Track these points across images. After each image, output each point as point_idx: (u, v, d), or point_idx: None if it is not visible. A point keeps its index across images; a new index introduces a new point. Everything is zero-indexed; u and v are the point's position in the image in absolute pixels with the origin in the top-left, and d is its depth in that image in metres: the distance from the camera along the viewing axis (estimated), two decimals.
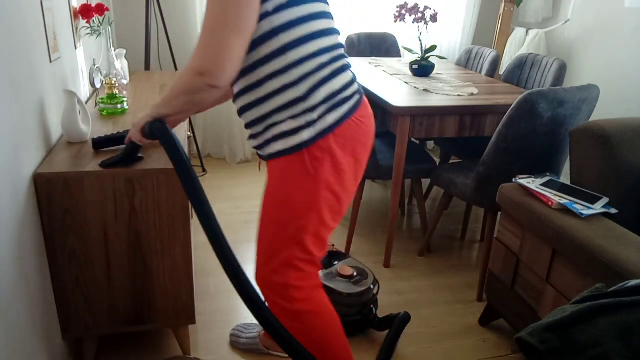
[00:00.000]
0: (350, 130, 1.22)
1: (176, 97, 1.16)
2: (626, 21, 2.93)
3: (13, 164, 1.22)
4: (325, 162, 1.20)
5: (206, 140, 3.63)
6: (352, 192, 1.31)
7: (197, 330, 1.90)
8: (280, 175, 1.24)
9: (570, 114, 1.90)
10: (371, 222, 2.83)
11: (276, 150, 1.23)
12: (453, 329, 1.98)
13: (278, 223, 1.27)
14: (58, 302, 1.51)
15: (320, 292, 1.37)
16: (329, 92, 1.20)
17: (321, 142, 1.19)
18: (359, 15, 3.60)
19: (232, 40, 1.07)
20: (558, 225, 1.49)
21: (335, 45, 1.23)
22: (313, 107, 1.18)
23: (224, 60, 1.07)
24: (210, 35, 1.08)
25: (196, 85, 1.10)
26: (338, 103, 1.21)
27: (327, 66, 1.19)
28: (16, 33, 1.28)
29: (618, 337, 0.84)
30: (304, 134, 1.19)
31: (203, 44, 1.09)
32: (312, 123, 1.18)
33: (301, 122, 1.19)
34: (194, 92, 1.12)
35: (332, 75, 1.21)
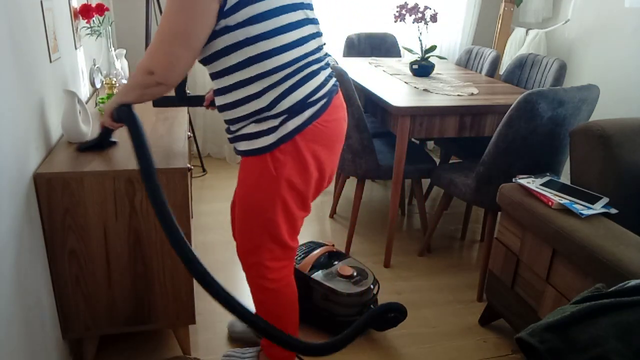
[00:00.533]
0: (311, 134, 1.29)
1: (132, 89, 1.27)
2: (626, 21, 2.93)
3: (13, 164, 1.22)
4: (287, 163, 1.29)
5: (206, 140, 3.63)
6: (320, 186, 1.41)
7: (197, 330, 1.90)
8: (246, 172, 1.35)
9: (570, 114, 1.90)
10: (371, 222, 2.83)
11: (242, 149, 1.33)
12: (453, 329, 1.98)
13: (249, 214, 1.38)
14: (58, 302, 1.52)
15: (291, 276, 1.51)
16: (292, 102, 1.26)
17: (283, 147, 1.28)
18: (359, 15, 3.60)
19: (179, 52, 1.17)
20: (558, 225, 1.49)
21: (307, 53, 1.27)
22: (275, 115, 1.26)
23: (171, 66, 1.18)
24: (160, 42, 1.17)
25: (146, 82, 1.22)
26: (300, 110, 1.27)
27: (293, 76, 1.25)
28: (16, 33, 1.28)
29: (618, 337, 0.84)
30: (267, 139, 1.27)
31: (154, 47, 1.18)
32: (274, 129, 1.27)
33: (263, 128, 1.27)
34: (145, 87, 1.24)
35: (298, 84, 1.26)
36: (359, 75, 2.68)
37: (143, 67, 1.21)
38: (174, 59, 1.17)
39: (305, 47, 1.27)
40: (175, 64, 1.18)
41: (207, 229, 2.64)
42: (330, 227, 2.76)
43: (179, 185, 1.47)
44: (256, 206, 1.35)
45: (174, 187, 1.46)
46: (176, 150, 1.58)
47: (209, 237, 2.55)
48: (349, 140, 2.29)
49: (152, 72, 1.19)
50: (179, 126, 1.83)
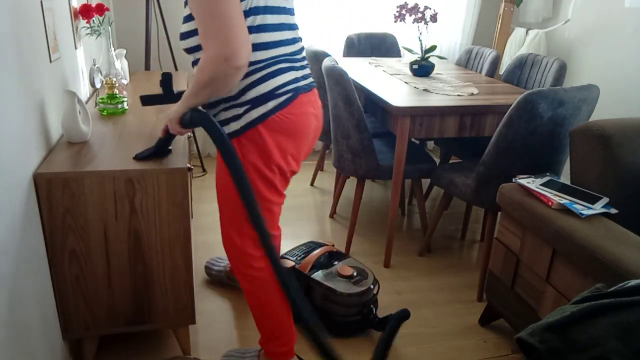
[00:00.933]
0: (275, 125, 1.36)
1: (204, 88, 1.24)
2: (626, 21, 2.93)
3: (13, 164, 1.22)
4: (251, 149, 1.37)
5: (206, 140, 3.63)
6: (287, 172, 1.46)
7: (197, 330, 1.90)
8: (219, 159, 1.45)
9: (570, 114, 1.90)
10: (371, 222, 2.83)
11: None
12: (453, 329, 1.98)
13: (225, 200, 1.47)
14: (58, 302, 1.52)
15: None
16: (256, 94, 1.33)
17: (248, 133, 1.36)
18: (359, 15, 3.59)
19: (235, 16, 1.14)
20: (558, 225, 1.49)
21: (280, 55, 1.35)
22: (240, 104, 1.34)
23: (238, 38, 1.15)
24: (212, 20, 1.14)
25: (223, 71, 1.18)
26: (264, 101, 1.34)
27: (261, 71, 1.32)
28: (16, 33, 1.28)
29: (618, 337, 0.84)
30: (233, 125, 1.37)
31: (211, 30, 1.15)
32: (239, 117, 1.35)
33: (229, 115, 1.36)
34: (223, 79, 1.20)
35: (265, 78, 1.33)
36: (359, 75, 2.68)
37: (212, 58, 1.16)
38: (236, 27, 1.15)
39: (280, 50, 1.34)
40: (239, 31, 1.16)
41: (207, 229, 2.64)
42: (330, 227, 2.76)
43: (179, 185, 1.47)
44: (230, 190, 1.44)
45: (174, 187, 1.46)
46: (176, 150, 1.58)
47: (209, 237, 2.55)
48: (349, 140, 2.29)
49: (227, 59, 1.16)
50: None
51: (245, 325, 1.94)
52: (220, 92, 1.26)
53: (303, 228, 2.72)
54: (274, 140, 1.37)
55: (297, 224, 2.76)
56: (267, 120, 1.34)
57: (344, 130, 2.29)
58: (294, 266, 1.94)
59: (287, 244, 2.52)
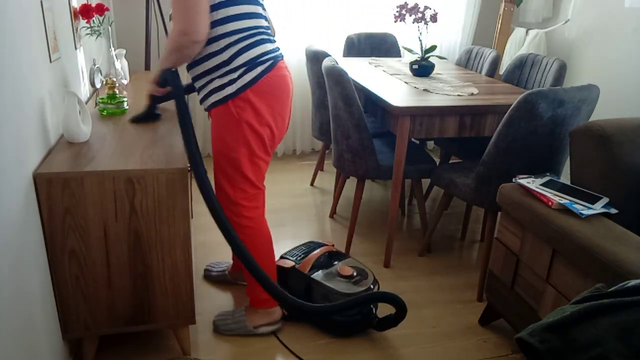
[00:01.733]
0: (264, 85, 1.60)
1: (169, 55, 1.52)
2: (626, 21, 2.93)
3: (13, 164, 1.22)
4: (246, 108, 1.60)
5: (206, 140, 3.64)
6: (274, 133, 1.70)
7: (197, 330, 1.90)
8: (216, 121, 1.65)
9: (570, 114, 1.90)
10: (371, 222, 2.83)
11: (211, 102, 1.63)
12: (453, 329, 1.98)
13: (220, 156, 1.67)
14: (58, 302, 1.52)
15: (263, 216, 1.80)
16: (246, 58, 1.58)
17: (242, 95, 1.58)
18: (359, 15, 3.59)
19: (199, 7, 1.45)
20: (558, 225, 1.49)
21: (257, 26, 1.61)
22: (234, 69, 1.57)
23: (199, 19, 1.46)
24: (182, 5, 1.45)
25: (182, 44, 1.48)
26: (254, 66, 1.58)
27: (247, 39, 1.58)
28: (16, 33, 1.28)
29: (618, 337, 0.84)
30: (229, 89, 1.58)
31: (182, 11, 1.45)
32: (234, 81, 1.57)
33: (225, 81, 1.58)
34: (181, 49, 1.49)
35: (251, 45, 1.58)
36: (359, 75, 2.68)
37: (176, 31, 1.46)
38: (199, 15, 1.45)
39: (257, 21, 1.61)
40: (201, 18, 1.46)
41: (207, 229, 2.64)
42: (330, 227, 2.76)
43: (179, 185, 1.47)
44: (225, 147, 1.65)
45: (174, 187, 1.46)
46: (176, 150, 1.58)
47: (209, 237, 2.55)
48: (349, 140, 2.29)
49: (185, 33, 1.45)
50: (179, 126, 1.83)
51: None
52: (183, 59, 1.54)
53: (303, 228, 2.73)
54: (264, 99, 1.62)
55: (297, 224, 2.76)
56: (257, 84, 1.59)
57: (344, 130, 2.29)
58: (294, 266, 1.94)
59: (287, 244, 2.52)
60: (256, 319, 1.87)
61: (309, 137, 3.85)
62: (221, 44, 1.55)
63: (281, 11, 3.40)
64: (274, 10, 3.38)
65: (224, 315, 1.91)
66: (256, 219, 1.76)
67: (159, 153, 1.55)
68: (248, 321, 1.87)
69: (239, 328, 1.87)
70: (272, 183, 3.28)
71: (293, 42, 3.50)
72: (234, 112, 1.60)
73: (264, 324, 1.87)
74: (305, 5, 3.43)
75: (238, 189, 1.70)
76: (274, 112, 1.66)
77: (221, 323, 1.89)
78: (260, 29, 1.62)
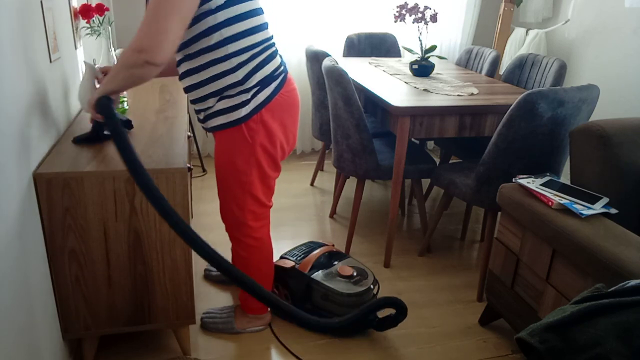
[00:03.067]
0: (277, 104, 1.53)
1: (117, 72, 1.29)
2: (626, 21, 2.93)
3: (13, 164, 1.22)
4: (260, 131, 1.52)
5: (206, 140, 3.63)
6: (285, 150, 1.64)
7: (197, 330, 1.90)
8: (224, 144, 1.54)
9: (570, 114, 1.90)
10: (371, 222, 2.83)
11: (218, 124, 1.52)
12: (453, 329, 1.98)
13: (229, 180, 1.59)
14: (58, 302, 1.52)
15: (268, 234, 1.76)
16: (262, 76, 1.48)
17: (255, 117, 1.49)
18: (359, 15, 3.59)
19: (172, 24, 1.23)
20: (558, 225, 1.49)
21: (267, 38, 1.49)
22: (248, 89, 1.46)
23: (162, 40, 1.23)
24: (153, 17, 1.23)
25: (134, 61, 1.24)
26: (267, 84, 1.49)
27: (260, 55, 1.46)
28: (16, 33, 1.28)
29: (618, 337, 0.84)
30: (241, 111, 1.48)
31: (146, 25, 1.23)
32: (247, 102, 1.47)
33: (237, 102, 1.47)
34: (132, 67, 1.25)
35: (265, 61, 1.48)
36: (359, 75, 2.68)
37: (131, 46, 1.24)
38: (167, 31, 1.22)
39: (266, 33, 1.49)
40: (164, 40, 1.23)
41: (207, 229, 2.64)
42: (330, 227, 2.76)
43: (179, 185, 1.47)
44: (235, 171, 1.57)
45: (174, 187, 1.46)
46: (176, 150, 1.58)
47: (209, 237, 2.55)
48: (349, 140, 2.29)
49: (141, 50, 1.22)
50: (179, 126, 1.83)
51: None
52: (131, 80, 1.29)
53: (303, 228, 2.72)
54: (276, 119, 1.54)
55: (297, 224, 2.76)
56: (271, 103, 1.50)
57: (344, 130, 2.29)
58: (294, 266, 1.94)
59: (287, 244, 2.52)
60: (245, 322, 1.88)
61: (309, 137, 3.85)
62: (233, 63, 1.41)
63: (281, 11, 3.40)
64: (274, 10, 3.38)
65: (212, 313, 1.92)
66: (263, 238, 1.73)
67: (159, 153, 1.55)
68: (236, 323, 1.87)
69: (226, 328, 1.88)
70: None
71: (293, 42, 3.50)
72: (247, 136, 1.50)
73: (252, 327, 1.89)
74: (305, 5, 3.43)
75: (247, 210, 1.63)
76: (286, 130, 1.59)
77: (209, 321, 1.90)
78: (270, 42, 1.51)
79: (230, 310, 1.91)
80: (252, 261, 1.73)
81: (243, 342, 1.85)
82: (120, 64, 1.27)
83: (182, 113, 2.01)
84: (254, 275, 1.75)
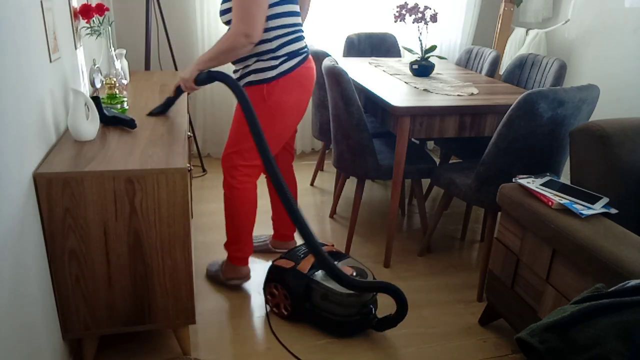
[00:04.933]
0: (297, 74, 1.86)
1: (219, 54, 1.73)
2: (626, 21, 2.93)
3: (13, 164, 1.22)
4: (274, 94, 1.84)
5: (206, 140, 3.63)
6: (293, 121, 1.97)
7: (197, 330, 1.90)
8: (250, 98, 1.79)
9: (570, 114, 1.90)
10: (371, 222, 2.84)
11: (248, 81, 1.86)
12: (453, 329, 1.98)
13: (240, 126, 1.91)
14: (58, 302, 1.52)
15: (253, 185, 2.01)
16: (289, 50, 1.83)
17: (275, 82, 1.83)
18: (359, 15, 3.60)
19: (261, 12, 1.69)
20: (558, 225, 1.49)
21: (297, 22, 1.87)
22: (278, 57, 1.81)
23: (258, 24, 1.68)
24: (245, 9, 1.65)
25: (241, 43, 1.69)
26: (292, 57, 1.84)
27: (291, 34, 1.83)
28: (16, 33, 1.28)
29: (618, 337, 0.84)
30: (267, 73, 1.82)
31: (243, 13, 1.65)
32: (275, 67, 1.81)
33: (267, 65, 1.81)
34: (237, 49, 1.70)
35: (296, 39, 1.85)
36: (359, 75, 2.68)
37: (237, 33, 1.66)
38: (259, 17, 1.68)
39: (297, 19, 1.87)
40: (260, 20, 1.68)
41: (207, 229, 2.64)
42: (330, 227, 2.76)
43: (179, 185, 1.47)
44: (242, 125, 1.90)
45: (174, 187, 1.46)
46: (176, 150, 1.58)
47: (209, 237, 2.55)
48: (349, 140, 2.29)
49: (247, 35, 1.66)
50: (179, 126, 1.84)
51: (245, 325, 1.94)
52: (230, 59, 1.77)
53: None
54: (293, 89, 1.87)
55: None
56: (292, 73, 1.84)
57: (344, 130, 2.29)
58: (294, 266, 1.94)
59: None
60: (228, 270, 2.13)
61: (309, 137, 3.85)
62: (271, 34, 1.78)
63: None
64: None
65: (212, 262, 2.25)
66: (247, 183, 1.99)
67: (159, 153, 1.55)
68: (222, 272, 2.15)
69: (216, 277, 2.18)
70: None
71: None
72: (265, 95, 1.84)
73: (234, 277, 2.14)
74: None
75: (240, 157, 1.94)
76: (299, 100, 1.91)
77: (208, 267, 2.23)
78: (299, 27, 1.88)
79: (222, 262, 2.20)
80: (234, 203, 2.00)
81: (243, 342, 1.85)
82: (227, 47, 1.70)
83: (182, 113, 2.01)
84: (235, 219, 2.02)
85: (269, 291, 1.99)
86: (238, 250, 2.07)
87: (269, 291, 2.00)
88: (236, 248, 2.07)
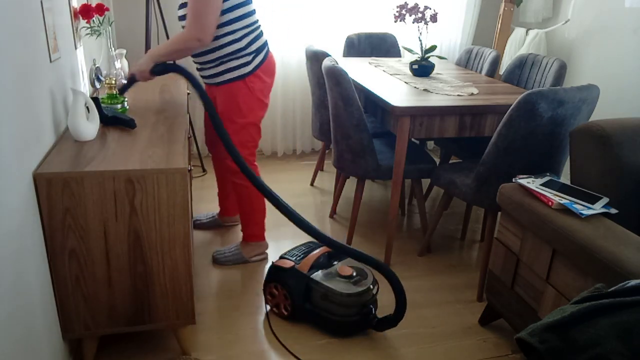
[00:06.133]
0: (265, 66, 2.07)
1: (176, 52, 1.88)
2: (626, 21, 2.93)
3: (13, 164, 1.22)
4: (256, 83, 2.05)
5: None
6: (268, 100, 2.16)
7: (197, 330, 1.90)
8: (230, 94, 2.04)
9: (570, 114, 1.90)
10: (371, 222, 2.84)
11: (226, 79, 2.02)
12: (453, 329, 1.98)
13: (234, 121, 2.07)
14: (58, 302, 1.52)
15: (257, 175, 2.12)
16: (257, 45, 2.03)
17: (254, 73, 2.03)
18: (359, 15, 3.59)
19: (213, 18, 1.84)
20: (558, 225, 1.49)
21: (257, 20, 2.04)
22: (249, 53, 2.00)
23: (210, 30, 1.84)
24: (199, 16, 1.81)
25: (193, 46, 1.86)
26: (260, 51, 2.04)
27: (255, 31, 2.02)
28: (16, 33, 1.28)
29: (618, 337, 0.84)
30: (244, 69, 2.01)
31: (196, 20, 1.81)
32: (249, 63, 2.01)
33: (241, 62, 2.00)
34: (188, 50, 1.89)
35: (258, 36, 2.04)
36: (359, 75, 2.68)
37: (189, 36, 1.83)
38: (212, 23, 1.83)
39: (256, 17, 2.03)
40: (212, 26, 1.84)
41: (207, 228, 2.64)
42: (330, 227, 2.76)
43: (179, 185, 1.47)
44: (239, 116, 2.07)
45: (174, 187, 1.46)
46: (176, 150, 1.58)
47: (209, 237, 2.55)
48: (349, 140, 2.29)
49: (199, 39, 1.83)
50: (179, 126, 1.84)
51: (245, 325, 1.94)
52: (180, 58, 1.93)
53: None
54: (266, 77, 2.08)
55: None
56: (263, 65, 2.05)
57: (344, 130, 2.29)
58: (294, 266, 1.94)
59: (287, 244, 2.53)
60: (249, 250, 2.33)
61: (309, 137, 3.85)
62: (238, 34, 1.95)
63: (281, 11, 3.40)
64: (274, 10, 3.38)
65: (222, 251, 2.35)
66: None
67: (159, 153, 1.55)
68: (243, 252, 2.32)
69: (236, 259, 2.32)
70: (272, 183, 3.28)
71: (293, 42, 3.50)
72: (248, 86, 2.03)
73: (258, 253, 2.34)
74: (305, 5, 3.43)
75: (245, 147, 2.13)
76: (271, 84, 2.15)
77: (220, 256, 2.32)
78: (259, 23, 2.06)
79: (236, 246, 2.35)
80: (244, 198, 2.20)
81: (243, 342, 1.85)
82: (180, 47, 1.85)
83: (182, 113, 2.01)
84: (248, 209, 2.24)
85: (269, 291, 1.99)
86: (256, 229, 2.29)
87: (269, 291, 2.00)
88: (254, 228, 2.28)
